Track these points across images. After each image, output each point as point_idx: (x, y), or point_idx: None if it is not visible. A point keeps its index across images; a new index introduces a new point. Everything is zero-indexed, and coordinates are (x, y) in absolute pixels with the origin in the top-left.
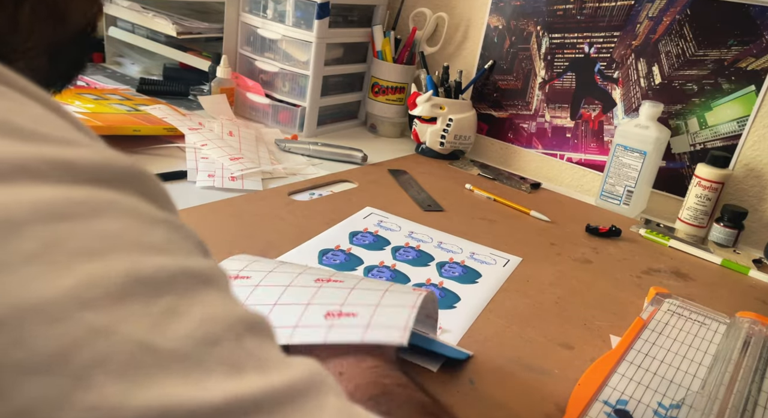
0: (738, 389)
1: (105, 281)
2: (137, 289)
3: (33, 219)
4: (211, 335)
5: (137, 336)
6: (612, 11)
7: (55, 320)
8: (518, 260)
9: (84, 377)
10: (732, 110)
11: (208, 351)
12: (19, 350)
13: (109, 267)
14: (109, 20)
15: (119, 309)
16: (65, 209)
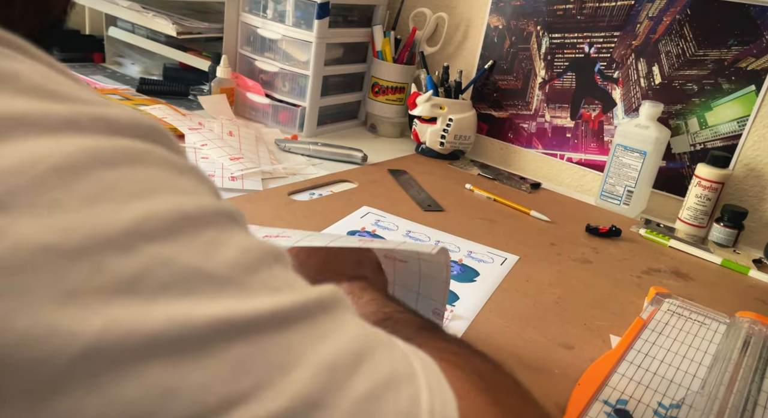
0: (738, 389)
1: (157, 217)
2: (184, 224)
3: (88, 165)
4: (250, 263)
5: (193, 263)
6: (612, 11)
7: (126, 250)
8: (515, 259)
9: (156, 297)
10: (732, 110)
11: (249, 276)
12: (101, 275)
13: (159, 205)
14: (109, 20)
15: (173, 240)
16: (112, 156)
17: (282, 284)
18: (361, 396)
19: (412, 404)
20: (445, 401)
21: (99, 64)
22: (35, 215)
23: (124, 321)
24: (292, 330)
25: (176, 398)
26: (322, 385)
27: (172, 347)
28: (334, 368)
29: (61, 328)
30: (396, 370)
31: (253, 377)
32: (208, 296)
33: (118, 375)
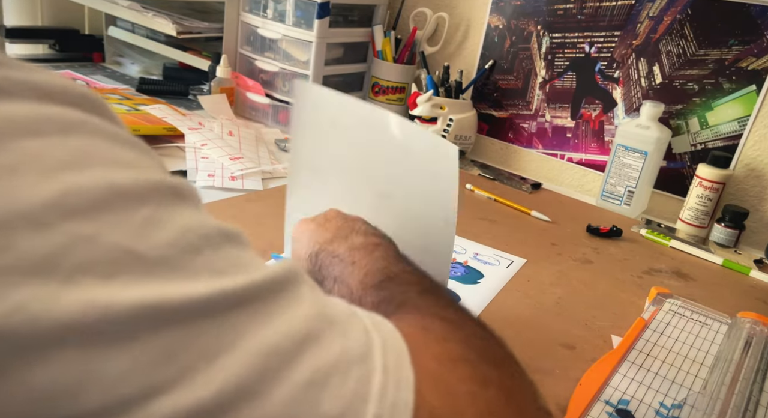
0: (739, 389)
1: (85, 191)
2: (116, 199)
3: (11, 133)
4: (192, 244)
5: (121, 243)
6: (612, 11)
7: (42, 227)
8: (522, 262)
9: (73, 280)
10: (733, 110)
11: (188, 257)
12: (8, 254)
13: (88, 179)
14: (109, 20)
15: (101, 217)
16: (40, 124)
17: (228, 266)
18: (302, 382)
19: (359, 385)
20: (401, 382)
21: (99, 63)
22: None
23: (32, 305)
24: (230, 315)
25: (89, 388)
26: (257, 372)
27: (88, 334)
28: (273, 353)
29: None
30: (347, 351)
31: (179, 365)
32: (136, 279)
33: (25, 362)
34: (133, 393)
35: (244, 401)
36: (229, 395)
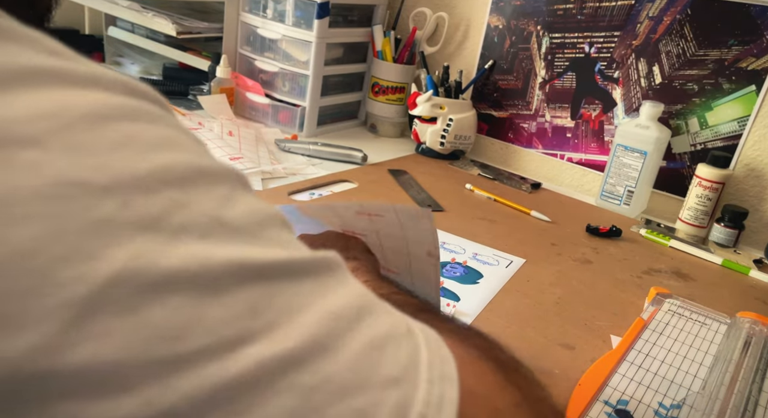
0: (739, 390)
1: (176, 167)
2: (200, 177)
3: (113, 116)
4: (261, 221)
5: (208, 211)
6: (612, 11)
7: (149, 191)
8: (521, 261)
9: (177, 236)
10: (732, 110)
11: (261, 230)
12: (127, 211)
13: (177, 158)
14: (109, 20)
15: (190, 190)
16: (134, 113)
17: (289, 243)
18: (365, 344)
19: (411, 355)
20: (444, 359)
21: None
22: (68, 154)
23: (147, 254)
24: (300, 281)
25: (199, 326)
26: (328, 331)
27: (192, 282)
28: (339, 317)
29: (93, 254)
30: (395, 327)
31: (265, 319)
32: (223, 241)
33: (144, 302)
34: (229, 338)
35: (318, 355)
36: (306, 348)
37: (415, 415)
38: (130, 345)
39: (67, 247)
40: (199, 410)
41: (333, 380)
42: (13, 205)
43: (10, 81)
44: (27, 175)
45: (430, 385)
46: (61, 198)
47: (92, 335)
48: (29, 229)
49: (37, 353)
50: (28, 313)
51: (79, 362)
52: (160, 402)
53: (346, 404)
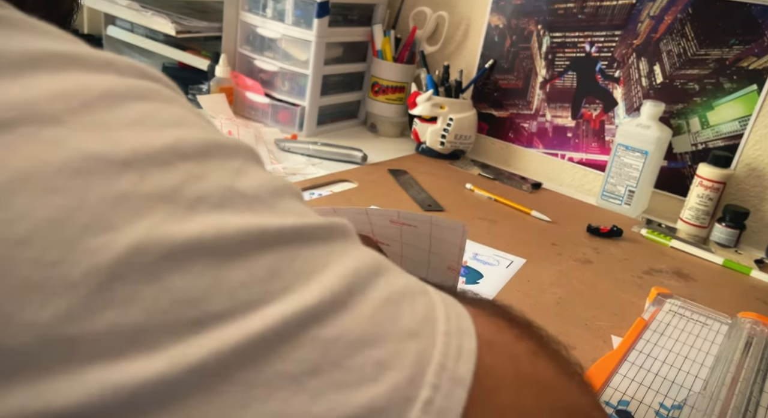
0: (740, 390)
1: (191, 141)
2: (215, 150)
3: (128, 97)
4: (274, 191)
5: (224, 182)
6: (613, 10)
7: (165, 165)
8: (522, 262)
9: (193, 207)
10: (734, 110)
11: (275, 200)
12: (145, 184)
13: (190, 133)
14: (108, 19)
15: (206, 162)
16: (148, 93)
17: (303, 211)
18: (382, 299)
19: (427, 310)
20: (460, 315)
21: None
22: (87, 131)
23: (166, 224)
24: (316, 245)
25: (220, 291)
26: (346, 287)
27: (211, 249)
28: (356, 275)
29: (115, 224)
30: (411, 286)
31: (284, 281)
32: (239, 210)
33: (166, 269)
34: (250, 301)
35: (338, 310)
36: (326, 304)
37: (434, 365)
38: (154, 310)
39: (92, 218)
40: (226, 365)
41: (352, 333)
42: (39, 178)
43: (31, 64)
44: (50, 151)
45: (448, 337)
46: (83, 172)
47: (117, 300)
48: (56, 201)
49: (66, 319)
50: (57, 280)
51: (105, 326)
52: (188, 360)
53: (366, 355)
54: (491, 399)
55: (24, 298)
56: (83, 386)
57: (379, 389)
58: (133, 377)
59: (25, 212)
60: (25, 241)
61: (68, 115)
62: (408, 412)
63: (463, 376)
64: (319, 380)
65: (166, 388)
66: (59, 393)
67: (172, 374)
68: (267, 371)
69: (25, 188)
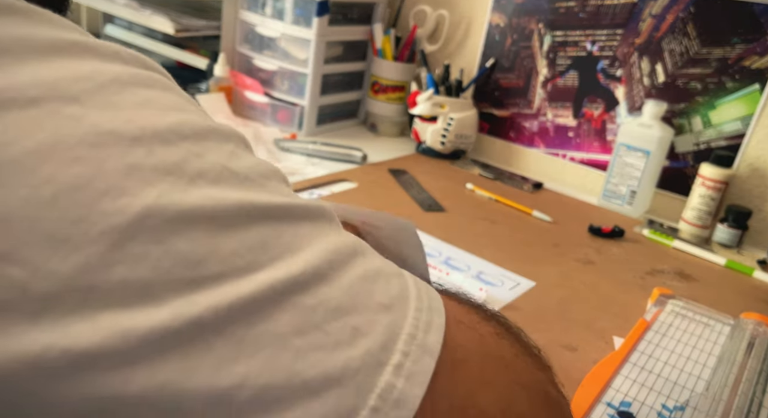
0: (742, 391)
1: (190, 125)
2: (211, 133)
3: (133, 83)
4: (264, 173)
5: (220, 161)
6: (615, 9)
7: (168, 143)
8: (530, 285)
9: (194, 182)
10: (736, 109)
11: (265, 181)
12: (153, 158)
13: (189, 118)
14: (106, 18)
15: (203, 143)
16: (150, 81)
17: (289, 194)
18: (359, 276)
19: (401, 289)
20: (431, 296)
21: None
22: (101, 110)
23: (171, 194)
24: (301, 223)
25: (215, 256)
26: (327, 262)
27: (209, 218)
28: (337, 252)
29: (128, 191)
30: (386, 266)
31: (272, 252)
32: (233, 187)
33: (172, 233)
34: (241, 267)
35: (318, 281)
36: (308, 275)
37: (404, 335)
38: (159, 268)
39: (108, 184)
40: (221, 320)
41: (330, 302)
42: (61, 149)
43: (55, 50)
44: (71, 126)
45: (419, 313)
46: (100, 145)
47: (129, 257)
48: (77, 169)
49: (85, 270)
50: (78, 237)
51: (117, 279)
52: (188, 313)
53: (343, 322)
54: (459, 369)
55: (50, 251)
56: (99, 329)
57: (354, 352)
58: (141, 324)
59: (50, 178)
60: (51, 202)
61: (85, 95)
62: (380, 374)
63: (432, 346)
64: (302, 341)
65: (170, 337)
66: (78, 334)
67: (174, 326)
68: (256, 329)
69: (51, 157)
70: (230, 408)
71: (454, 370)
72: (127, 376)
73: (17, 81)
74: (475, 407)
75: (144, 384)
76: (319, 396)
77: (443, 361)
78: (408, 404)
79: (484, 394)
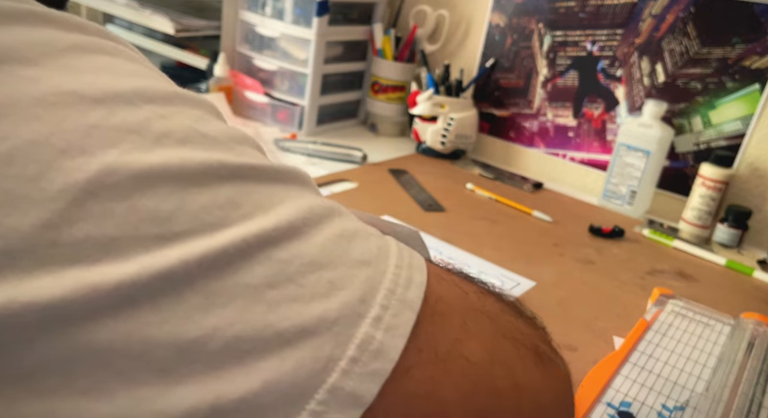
0: (742, 391)
1: (154, 89)
2: (176, 98)
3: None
4: (234, 137)
5: (187, 124)
6: (615, 9)
7: (131, 105)
8: (530, 285)
9: (159, 141)
10: (736, 109)
11: (236, 145)
12: (114, 118)
13: (154, 83)
14: (106, 18)
15: (169, 107)
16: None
17: (263, 157)
18: (335, 234)
19: (380, 249)
20: (413, 255)
21: None
22: (61, 72)
23: (134, 152)
24: (274, 185)
25: (184, 212)
26: (302, 219)
27: (176, 176)
28: (312, 211)
29: (87, 150)
30: (366, 229)
31: (243, 210)
32: (201, 148)
33: (136, 190)
34: (210, 222)
35: (292, 237)
36: (281, 230)
37: (383, 290)
38: (125, 224)
39: (67, 143)
40: (190, 274)
41: (305, 257)
42: (20, 108)
43: (10, 18)
44: (29, 86)
45: (399, 269)
46: (58, 105)
47: (91, 214)
48: (35, 126)
49: (46, 227)
50: (36, 194)
51: (81, 236)
52: (156, 267)
53: (318, 275)
54: (442, 321)
55: (8, 207)
56: (63, 284)
57: (331, 304)
58: (108, 278)
59: (8, 134)
60: (8, 158)
61: (43, 58)
62: (358, 325)
63: (413, 301)
64: (275, 293)
65: (138, 290)
66: (41, 289)
67: (141, 279)
68: (227, 281)
69: (8, 115)
70: (201, 357)
71: (439, 321)
72: (95, 327)
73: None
74: (461, 356)
75: (112, 335)
76: (294, 346)
77: (426, 313)
78: (388, 355)
79: (469, 344)
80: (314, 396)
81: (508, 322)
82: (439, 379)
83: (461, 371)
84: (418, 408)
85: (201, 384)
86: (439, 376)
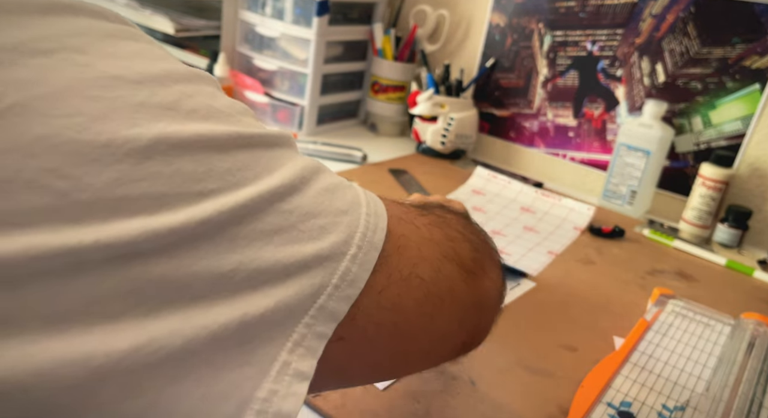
0: (743, 391)
1: (178, 71)
2: (194, 78)
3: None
4: (239, 110)
5: (206, 102)
6: (615, 9)
7: (164, 86)
8: (530, 285)
9: (190, 116)
10: (736, 109)
11: (241, 117)
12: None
13: (175, 65)
14: None
15: (191, 86)
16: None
17: (261, 127)
18: (323, 188)
19: (354, 198)
20: (376, 202)
21: None
22: (105, 59)
23: (173, 125)
24: (275, 149)
25: (213, 173)
26: (298, 178)
27: (205, 145)
28: (304, 169)
29: (139, 123)
30: (342, 181)
31: (255, 171)
32: (220, 122)
33: (177, 156)
34: (234, 181)
35: (292, 192)
36: (284, 187)
37: (359, 233)
38: (172, 183)
39: (124, 118)
40: (222, 221)
41: (302, 208)
42: (81, 89)
43: (47, 10)
44: (84, 71)
45: (368, 216)
46: (110, 87)
47: (148, 174)
48: (96, 105)
49: (115, 184)
50: (106, 157)
51: (141, 191)
52: (199, 216)
53: (312, 222)
54: (403, 252)
55: (87, 166)
56: (132, 229)
57: (324, 244)
58: (164, 225)
59: (78, 110)
60: (83, 129)
61: (89, 46)
62: (341, 261)
63: (377, 243)
64: (282, 237)
65: (186, 234)
66: (117, 232)
67: (189, 225)
68: (247, 228)
69: (74, 95)
70: (230, 286)
71: (401, 253)
72: (157, 262)
73: (29, 35)
74: (417, 276)
75: (165, 269)
76: (296, 277)
77: (393, 248)
78: (358, 283)
79: (422, 266)
80: (308, 313)
81: (448, 245)
82: (402, 294)
83: (417, 286)
84: (387, 315)
85: (232, 305)
86: (402, 292)
